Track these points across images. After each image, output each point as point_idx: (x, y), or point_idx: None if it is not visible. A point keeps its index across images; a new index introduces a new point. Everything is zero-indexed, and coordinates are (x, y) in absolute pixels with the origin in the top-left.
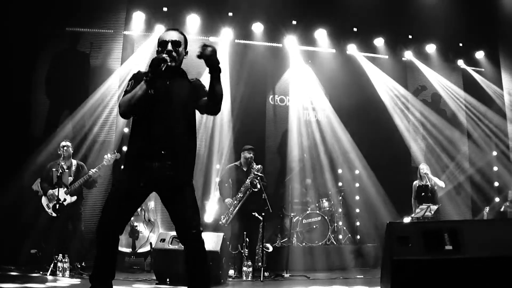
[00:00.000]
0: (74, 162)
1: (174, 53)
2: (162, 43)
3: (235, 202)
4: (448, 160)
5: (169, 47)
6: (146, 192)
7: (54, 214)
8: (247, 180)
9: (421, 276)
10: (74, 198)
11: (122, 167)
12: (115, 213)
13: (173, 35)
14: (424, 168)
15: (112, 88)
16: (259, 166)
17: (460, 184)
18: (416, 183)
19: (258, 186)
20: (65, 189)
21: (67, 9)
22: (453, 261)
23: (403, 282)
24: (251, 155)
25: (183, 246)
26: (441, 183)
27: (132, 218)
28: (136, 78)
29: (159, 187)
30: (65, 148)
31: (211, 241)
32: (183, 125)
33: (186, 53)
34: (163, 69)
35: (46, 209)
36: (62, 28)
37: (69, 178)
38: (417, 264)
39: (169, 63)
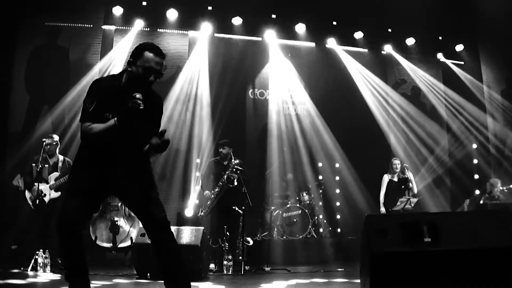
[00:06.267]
0: (61, 157)
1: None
2: (147, 69)
3: (213, 196)
4: (427, 153)
5: (152, 78)
6: (102, 193)
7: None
8: (224, 175)
9: (400, 268)
10: (58, 193)
11: (75, 165)
12: (70, 210)
13: (160, 65)
14: (396, 163)
15: None
16: (238, 161)
17: (440, 177)
18: (387, 177)
19: (235, 182)
20: (49, 184)
21: (46, 4)
22: (431, 253)
23: (382, 275)
24: (225, 150)
25: (152, 243)
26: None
27: (113, 213)
28: (97, 94)
29: (114, 189)
30: (48, 146)
31: (191, 235)
32: (139, 135)
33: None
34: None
35: (29, 201)
36: (41, 22)
37: (55, 173)
38: (396, 256)
39: (142, 106)
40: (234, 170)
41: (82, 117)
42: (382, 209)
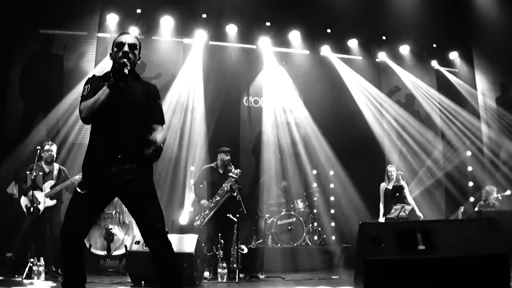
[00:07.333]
0: (56, 166)
1: (130, 55)
2: (119, 44)
3: (212, 205)
4: (422, 160)
5: (126, 48)
6: (109, 197)
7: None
8: (227, 184)
9: (394, 275)
10: (54, 201)
11: (83, 170)
12: (76, 218)
13: (130, 38)
14: (391, 170)
15: None
16: (238, 170)
17: (435, 184)
18: (384, 185)
19: (236, 191)
20: (43, 192)
21: (41, 11)
22: (425, 260)
23: (376, 282)
24: (228, 157)
25: (149, 250)
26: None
27: (107, 221)
28: (92, 82)
29: (119, 191)
30: (48, 152)
31: (186, 243)
32: (141, 128)
33: (139, 58)
34: (126, 72)
35: (24, 209)
36: (36, 30)
37: (51, 181)
38: (390, 264)
39: (129, 67)
40: (233, 178)
41: (80, 103)
42: (380, 219)
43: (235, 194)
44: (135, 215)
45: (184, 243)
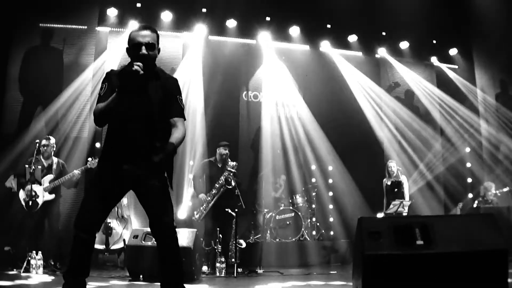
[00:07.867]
0: (55, 160)
1: (147, 59)
2: (135, 46)
3: (209, 198)
4: (421, 156)
5: (144, 51)
6: (122, 191)
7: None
8: (222, 177)
9: (392, 270)
10: (52, 196)
11: (98, 166)
12: (91, 211)
13: (147, 37)
14: (392, 165)
15: (85, 84)
16: (234, 163)
17: (433, 180)
18: (385, 180)
19: (233, 183)
20: (42, 186)
21: (40, 5)
22: (424, 256)
23: (374, 277)
24: (227, 151)
25: (156, 242)
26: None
27: None
28: (110, 80)
29: (132, 186)
30: (45, 147)
31: (184, 237)
32: (157, 124)
33: (159, 50)
34: (135, 79)
35: (22, 202)
36: (35, 24)
37: (50, 176)
38: (388, 259)
39: (141, 72)
40: (230, 171)
41: (96, 103)
42: (378, 214)
43: (230, 187)
44: (145, 207)
45: (183, 237)
